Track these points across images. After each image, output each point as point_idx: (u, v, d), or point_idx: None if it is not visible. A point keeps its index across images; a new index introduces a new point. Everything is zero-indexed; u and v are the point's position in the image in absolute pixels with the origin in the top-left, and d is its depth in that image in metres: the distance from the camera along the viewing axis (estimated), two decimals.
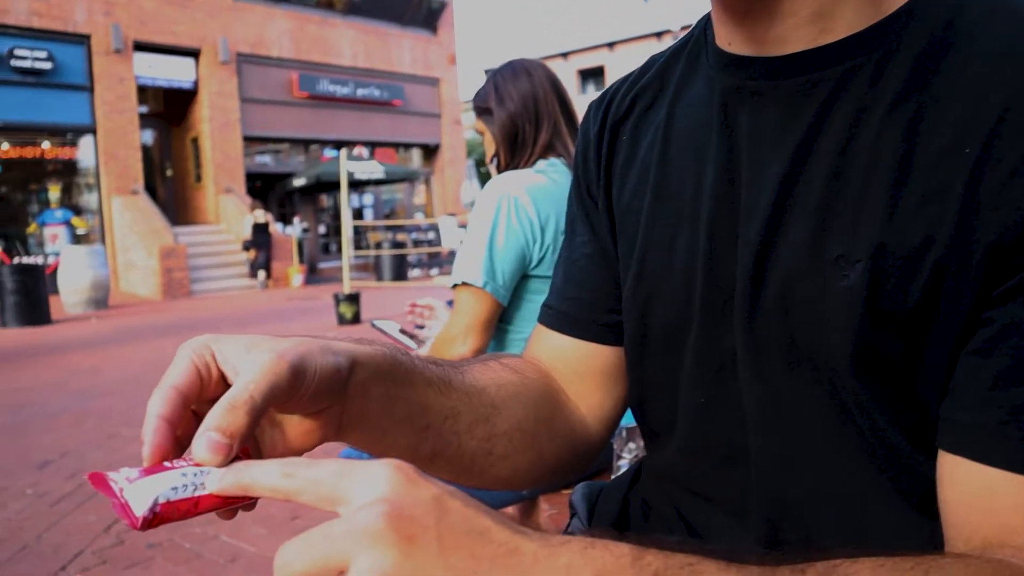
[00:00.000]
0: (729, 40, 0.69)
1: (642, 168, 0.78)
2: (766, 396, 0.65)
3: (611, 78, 33.01)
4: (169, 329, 9.94)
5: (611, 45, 33.97)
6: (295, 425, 0.56)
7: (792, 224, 0.63)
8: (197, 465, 0.46)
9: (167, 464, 0.47)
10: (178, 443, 0.50)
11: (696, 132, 0.73)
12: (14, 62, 14.65)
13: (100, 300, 13.00)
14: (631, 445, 1.64)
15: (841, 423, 0.62)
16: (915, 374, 0.58)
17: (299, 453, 0.56)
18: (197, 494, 0.45)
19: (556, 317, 0.88)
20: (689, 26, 1.11)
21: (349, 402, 0.58)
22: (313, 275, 18.48)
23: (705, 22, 0.76)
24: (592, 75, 34.99)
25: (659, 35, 31.74)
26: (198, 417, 0.50)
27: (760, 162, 0.65)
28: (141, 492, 0.44)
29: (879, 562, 0.46)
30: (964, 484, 0.54)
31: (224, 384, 0.53)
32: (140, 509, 0.44)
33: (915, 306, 0.56)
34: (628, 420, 1.52)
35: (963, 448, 0.54)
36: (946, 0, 0.60)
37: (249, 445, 0.54)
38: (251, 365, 0.50)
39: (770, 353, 0.64)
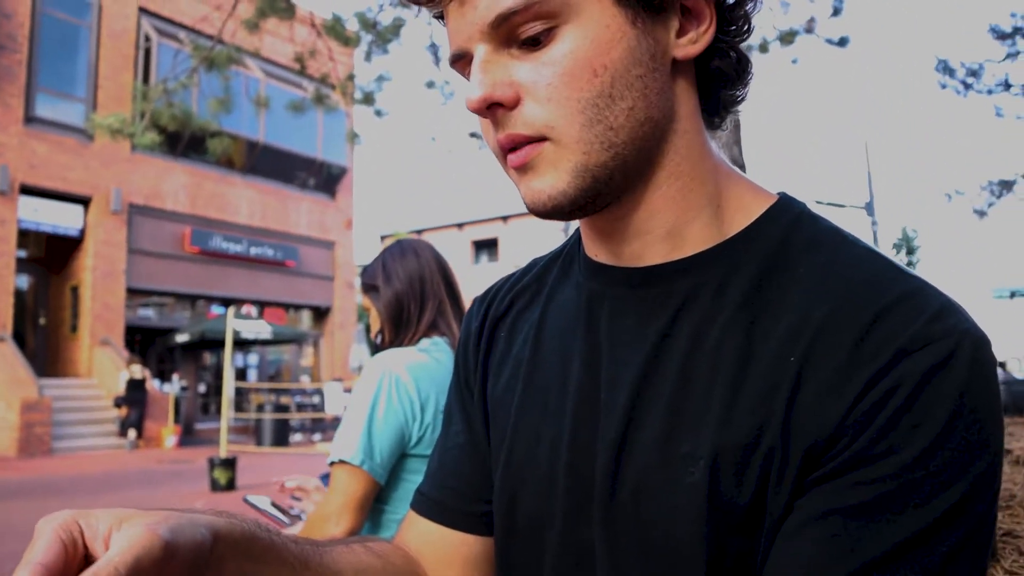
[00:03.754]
0: (596, 252, 0.76)
1: (515, 363, 0.83)
2: None
3: (504, 250, 34.06)
4: (19, 490, 9.10)
5: (505, 219, 35.26)
6: None
7: (646, 422, 0.67)
8: None
9: None
10: None
11: (565, 332, 0.78)
12: None
13: None
14: None
15: None
16: (754, 569, 0.61)
17: None
18: None
19: (426, 504, 0.88)
20: None
21: None
22: (189, 436, 17.56)
23: (578, 234, 0.83)
24: (486, 246, 36.05)
25: None
26: None
27: (618, 363, 0.71)
28: None
29: None
30: None
31: (89, 562, 0.50)
32: None
33: (749, 501, 0.61)
34: None
35: None
36: (779, 225, 0.69)
37: None
38: (121, 539, 0.48)
39: (625, 547, 0.67)
